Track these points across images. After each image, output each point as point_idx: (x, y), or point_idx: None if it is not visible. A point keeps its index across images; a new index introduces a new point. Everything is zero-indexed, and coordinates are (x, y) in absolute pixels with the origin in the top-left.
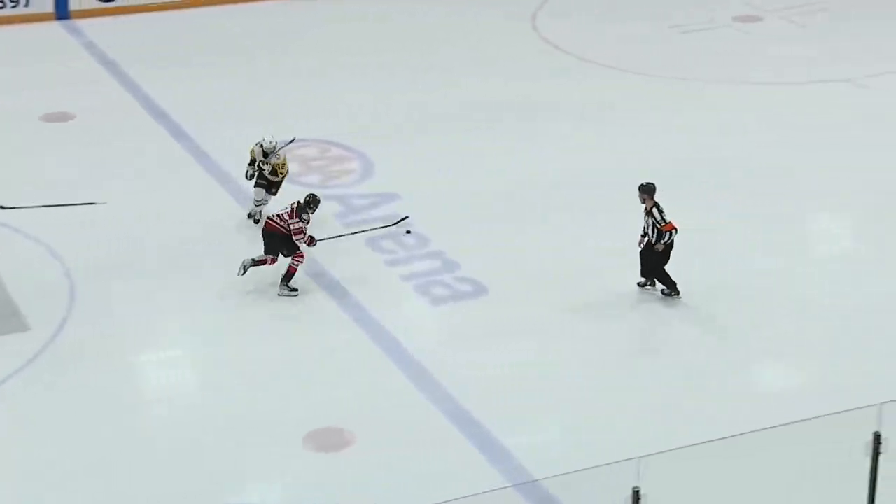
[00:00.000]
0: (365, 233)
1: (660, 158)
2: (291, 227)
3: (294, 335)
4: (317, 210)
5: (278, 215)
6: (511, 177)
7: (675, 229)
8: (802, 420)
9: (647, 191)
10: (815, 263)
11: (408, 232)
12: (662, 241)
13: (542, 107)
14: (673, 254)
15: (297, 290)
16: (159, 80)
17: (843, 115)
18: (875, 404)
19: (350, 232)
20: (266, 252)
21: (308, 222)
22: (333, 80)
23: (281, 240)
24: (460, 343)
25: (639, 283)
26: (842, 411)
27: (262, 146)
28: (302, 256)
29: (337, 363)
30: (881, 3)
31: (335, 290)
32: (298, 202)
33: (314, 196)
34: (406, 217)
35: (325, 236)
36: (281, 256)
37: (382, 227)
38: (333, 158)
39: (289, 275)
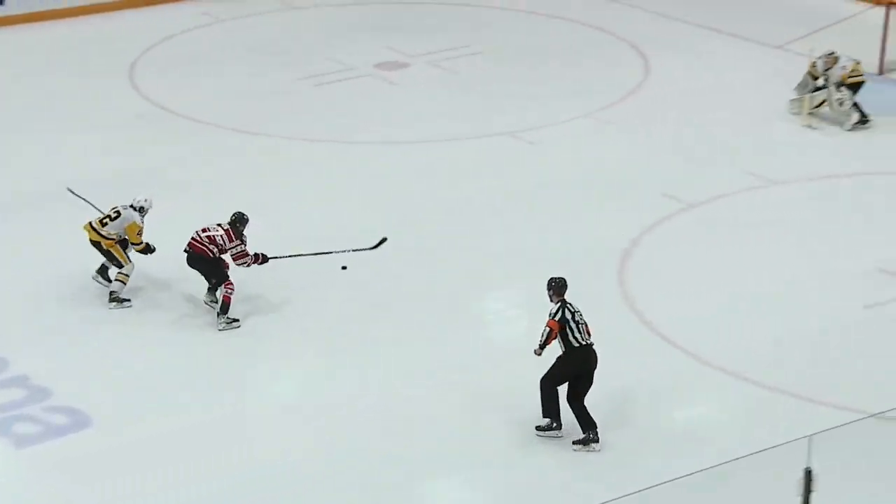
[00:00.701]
0: (333, 254)
1: (287, 234)
2: (233, 251)
3: None
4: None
5: (207, 237)
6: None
7: (556, 329)
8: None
9: (552, 287)
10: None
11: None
12: (539, 343)
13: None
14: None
15: (238, 319)
16: None
17: (509, 174)
18: (805, 436)
19: (312, 252)
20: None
21: (245, 242)
22: None
23: (208, 264)
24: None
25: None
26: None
27: (141, 208)
28: (232, 285)
29: None
30: (537, 46)
31: None
32: (230, 222)
33: (241, 214)
34: (385, 239)
35: (281, 254)
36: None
37: (357, 250)
38: None
39: (225, 305)
